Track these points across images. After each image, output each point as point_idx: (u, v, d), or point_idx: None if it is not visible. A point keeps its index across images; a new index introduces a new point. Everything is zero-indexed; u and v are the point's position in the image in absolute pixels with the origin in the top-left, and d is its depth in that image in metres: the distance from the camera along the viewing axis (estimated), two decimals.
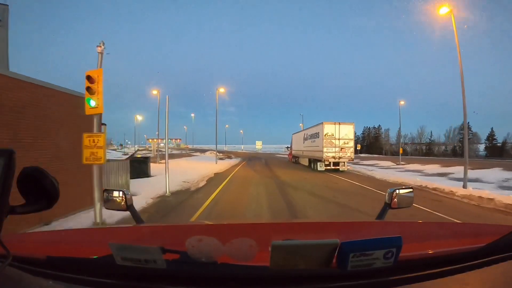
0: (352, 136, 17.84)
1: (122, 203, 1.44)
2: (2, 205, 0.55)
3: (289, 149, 31.09)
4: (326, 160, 17.22)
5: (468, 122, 58.19)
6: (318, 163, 17.79)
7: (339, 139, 17.50)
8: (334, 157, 17.28)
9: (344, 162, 17.55)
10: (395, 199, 1.42)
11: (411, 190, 1.46)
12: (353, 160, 18.16)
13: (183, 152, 66.31)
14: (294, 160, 27.36)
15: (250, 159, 36.51)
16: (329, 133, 17.44)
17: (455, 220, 5.87)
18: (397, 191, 1.43)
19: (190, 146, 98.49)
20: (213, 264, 0.65)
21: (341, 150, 17.41)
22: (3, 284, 0.58)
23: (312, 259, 0.61)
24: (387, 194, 1.44)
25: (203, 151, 63.65)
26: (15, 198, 0.59)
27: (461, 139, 57.44)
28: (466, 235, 1.24)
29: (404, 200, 1.44)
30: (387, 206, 1.44)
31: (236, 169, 19.93)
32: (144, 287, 0.68)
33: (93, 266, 0.73)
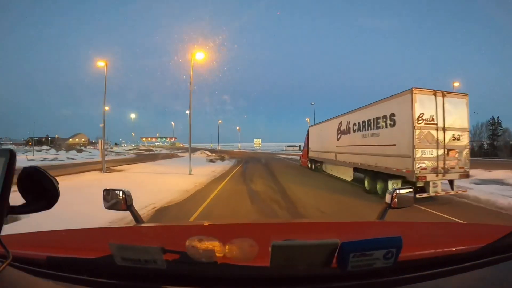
0: (465, 122, 7.74)
1: (122, 203, 1.42)
2: (2, 205, 0.54)
3: (303, 149, 20.14)
4: (420, 176, 7.08)
5: (498, 116, 48.19)
6: (391, 182, 7.68)
7: (444, 129, 7.41)
8: (436, 169, 7.20)
9: (451, 181, 7.51)
10: (396, 199, 1.39)
11: (411, 190, 1.44)
12: (468, 176, 7.87)
13: (171, 152, 56.25)
14: (311, 165, 17.13)
15: (247, 161, 26.70)
16: (426, 116, 7.28)
17: None
18: (397, 191, 1.41)
19: (185, 145, 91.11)
20: (213, 264, 0.65)
21: (448, 153, 7.33)
22: (3, 285, 0.58)
23: (312, 259, 0.61)
24: (387, 194, 1.42)
25: (194, 150, 53.77)
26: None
27: (491, 136, 47.66)
28: (466, 235, 1.22)
29: (404, 199, 1.41)
30: (388, 206, 1.41)
31: (218, 187, 10.05)
32: (144, 287, 0.68)
33: (93, 266, 0.72)
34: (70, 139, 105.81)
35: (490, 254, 0.79)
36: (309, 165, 17.53)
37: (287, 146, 77.13)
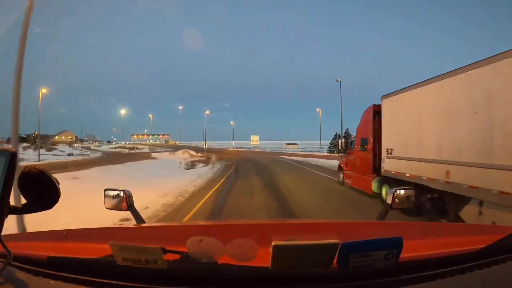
0: None
1: (123, 203, 1.40)
2: (3, 205, 0.54)
3: (348, 151, 9.32)
4: None
5: None
6: None
7: None
8: None
9: None
10: (396, 200, 1.37)
11: (412, 189, 1.40)
12: None
13: (148, 151, 46.06)
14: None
15: (240, 168, 16.68)
16: None
17: None
18: (398, 191, 1.37)
19: (178, 143, 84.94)
20: (214, 265, 0.64)
21: None
22: (3, 284, 0.58)
23: (313, 260, 0.60)
24: (387, 194, 1.39)
25: (178, 149, 43.92)
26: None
27: None
28: (467, 236, 1.18)
29: (405, 200, 1.38)
30: (388, 206, 1.38)
31: None
32: (145, 287, 0.67)
33: (93, 266, 0.71)
34: (56, 136, 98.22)
35: (491, 255, 0.78)
36: (381, 191, 6.99)
37: (287, 144, 70.44)
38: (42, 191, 0.61)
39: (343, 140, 10.20)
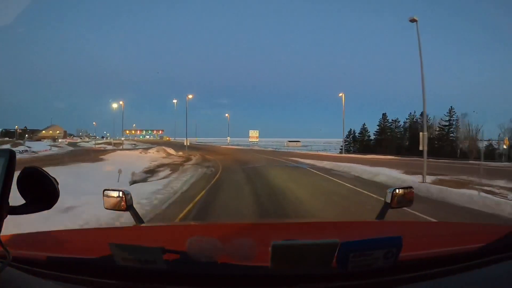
0: None
1: (122, 203, 1.37)
2: (2, 206, 0.53)
3: None
4: None
5: None
6: None
7: None
8: None
9: None
10: (396, 199, 1.34)
11: (411, 189, 1.38)
12: None
13: (127, 148, 38.31)
14: None
15: (218, 193, 6.92)
16: None
17: None
18: (397, 190, 1.34)
19: (172, 139, 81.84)
20: (213, 264, 0.63)
21: None
22: (3, 285, 0.57)
23: (312, 259, 0.59)
24: (387, 193, 1.36)
25: (159, 145, 36.49)
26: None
27: None
28: (466, 235, 1.17)
29: (405, 199, 1.36)
30: (388, 205, 1.35)
31: None
32: None
33: (93, 266, 0.70)
34: (44, 131, 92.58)
35: (490, 254, 0.77)
36: None
37: (289, 141, 63.43)
38: (41, 191, 0.60)
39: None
